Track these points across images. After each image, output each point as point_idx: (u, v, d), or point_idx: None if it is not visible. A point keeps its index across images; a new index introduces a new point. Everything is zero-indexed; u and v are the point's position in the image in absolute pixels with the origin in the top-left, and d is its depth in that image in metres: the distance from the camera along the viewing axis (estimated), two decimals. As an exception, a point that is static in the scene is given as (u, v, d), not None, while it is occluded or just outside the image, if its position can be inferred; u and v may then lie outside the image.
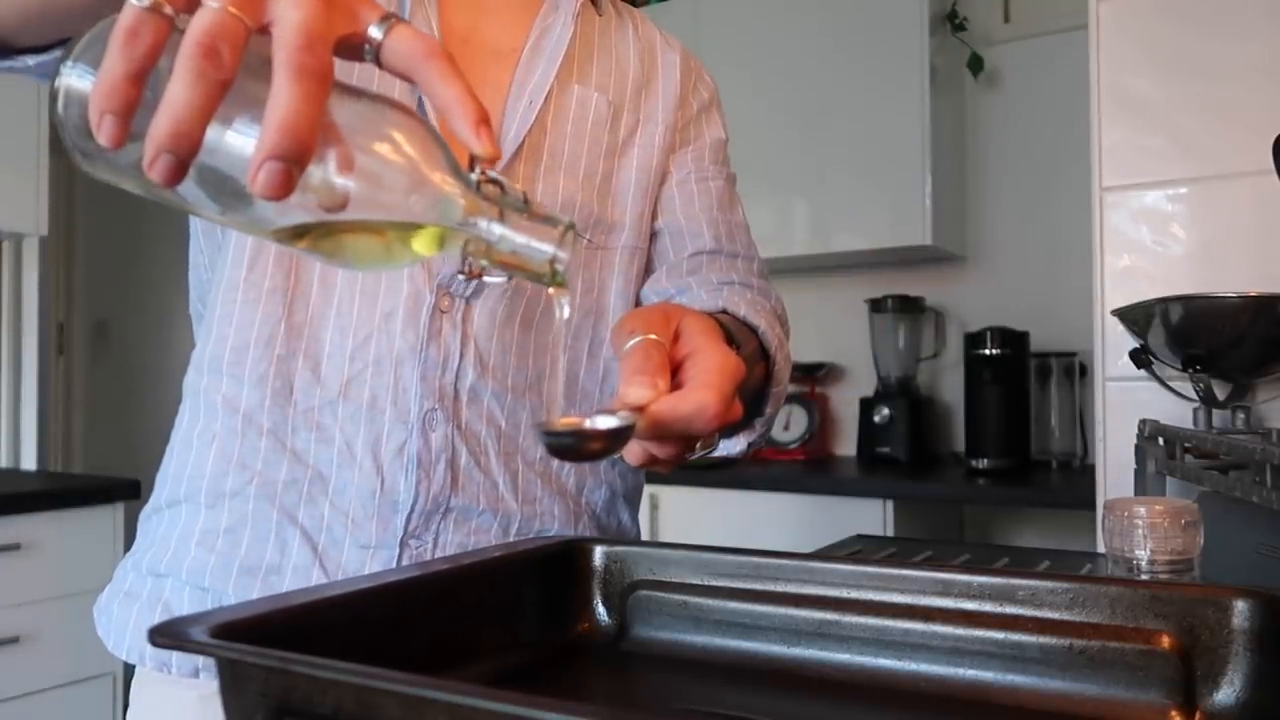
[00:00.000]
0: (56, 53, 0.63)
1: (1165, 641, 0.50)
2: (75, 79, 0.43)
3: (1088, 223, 1.40)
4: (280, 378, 0.76)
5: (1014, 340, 2.43)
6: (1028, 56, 2.70)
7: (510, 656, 0.57)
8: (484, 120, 0.45)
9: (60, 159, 3.42)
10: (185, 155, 0.38)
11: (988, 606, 0.53)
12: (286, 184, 0.39)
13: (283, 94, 0.38)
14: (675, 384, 0.53)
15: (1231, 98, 1.31)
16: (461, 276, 0.50)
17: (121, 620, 0.79)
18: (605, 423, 0.48)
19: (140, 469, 2.80)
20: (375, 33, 0.44)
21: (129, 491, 2.31)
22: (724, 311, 0.77)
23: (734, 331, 0.69)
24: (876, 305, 2.69)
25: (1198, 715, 0.49)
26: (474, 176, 0.46)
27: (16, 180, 2.45)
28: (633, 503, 0.92)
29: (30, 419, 2.74)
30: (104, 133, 0.38)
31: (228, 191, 0.43)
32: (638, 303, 0.88)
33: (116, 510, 2.28)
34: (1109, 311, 1.32)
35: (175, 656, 0.76)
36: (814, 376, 2.83)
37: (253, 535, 0.75)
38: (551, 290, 0.48)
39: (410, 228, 0.45)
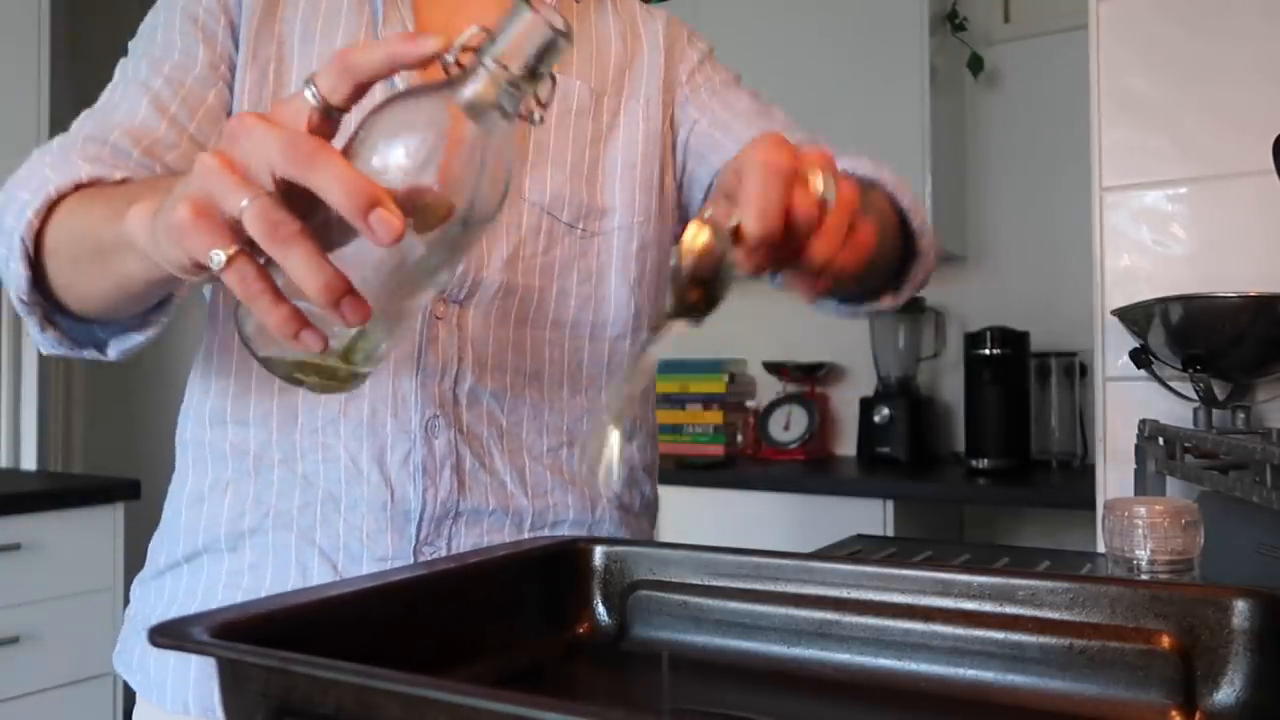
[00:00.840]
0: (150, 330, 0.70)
1: (1165, 641, 0.50)
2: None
3: (1088, 223, 1.39)
4: (283, 410, 0.77)
5: (1014, 340, 2.43)
6: (1028, 56, 2.70)
7: (511, 656, 0.57)
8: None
9: (60, 159, 3.42)
10: (339, 289, 0.46)
11: (988, 606, 0.53)
12: (395, 229, 0.43)
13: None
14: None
15: (1232, 98, 1.31)
16: (535, 119, 0.51)
17: (160, 675, 0.78)
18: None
19: (140, 469, 2.80)
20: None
21: (129, 491, 2.31)
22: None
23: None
24: (876, 305, 2.69)
25: (1198, 715, 0.49)
26: (450, 58, 0.48)
27: (16, 180, 2.45)
28: (652, 475, 0.92)
29: (30, 419, 2.74)
30: (306, 338, 0.46)
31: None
32: (641, 278, 0.86)
33: (116, 510, 2.28)
34: (1109, 311, 1.32)
35: (218, 703, 0.76)
36: (814, 376, 2.83)
37: (275, 565, 0.76)
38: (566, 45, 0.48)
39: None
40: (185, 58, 0.77)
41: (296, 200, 0.44)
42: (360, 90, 0.47)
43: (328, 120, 0.47)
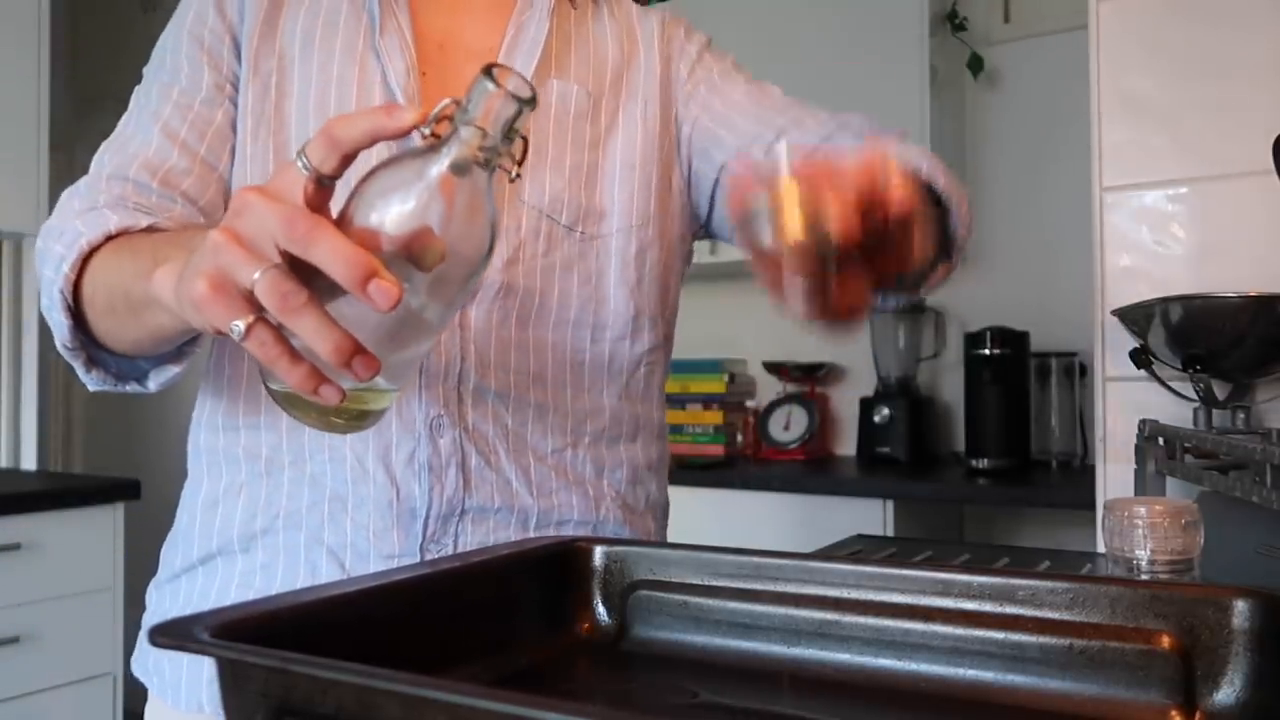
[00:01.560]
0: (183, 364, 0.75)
1: (1165, 641, 0.50)
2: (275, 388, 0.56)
3: (1088, 223, 1.39)
4: None
5: (1014, 340, 2.43)
6: (1028, 56, 2.70)
7: (511, 656, 0.57)
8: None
9: (60, 159, 3.42)
10: (348, 350, 0.49)
11: (988, 606, 0.53)
12: (393, 296, 0.47)
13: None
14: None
15: (1232, 98, 1.31)
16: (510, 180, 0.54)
17: (175, 676, 0.80)
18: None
19: (140, 469, 2.80)
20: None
21: (129, 491, 2.31)
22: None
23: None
24: (876, 305, 2.69)
25: (1198, 715, 0.49)
26: (426, 132, 0.51)
27: (16, 180, 2.45)
28: (659, 473, 0.93)
29: (30, 419, 2.74)
30: (327, 392, 0.51)
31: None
32: (640, 279, 0.86)
33: (116, 510, 2.28)
34: (1109, 311, 1.32)
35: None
36: (814, 376, 2.83)
37: (286, 565, 0.77)
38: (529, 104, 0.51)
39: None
40: (191, 82, 0.80)
41: (301, 266, 0.48)
42: (348, 160, 0.51)
43: (321, 189, 0.51)
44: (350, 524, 0.76)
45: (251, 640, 0.40)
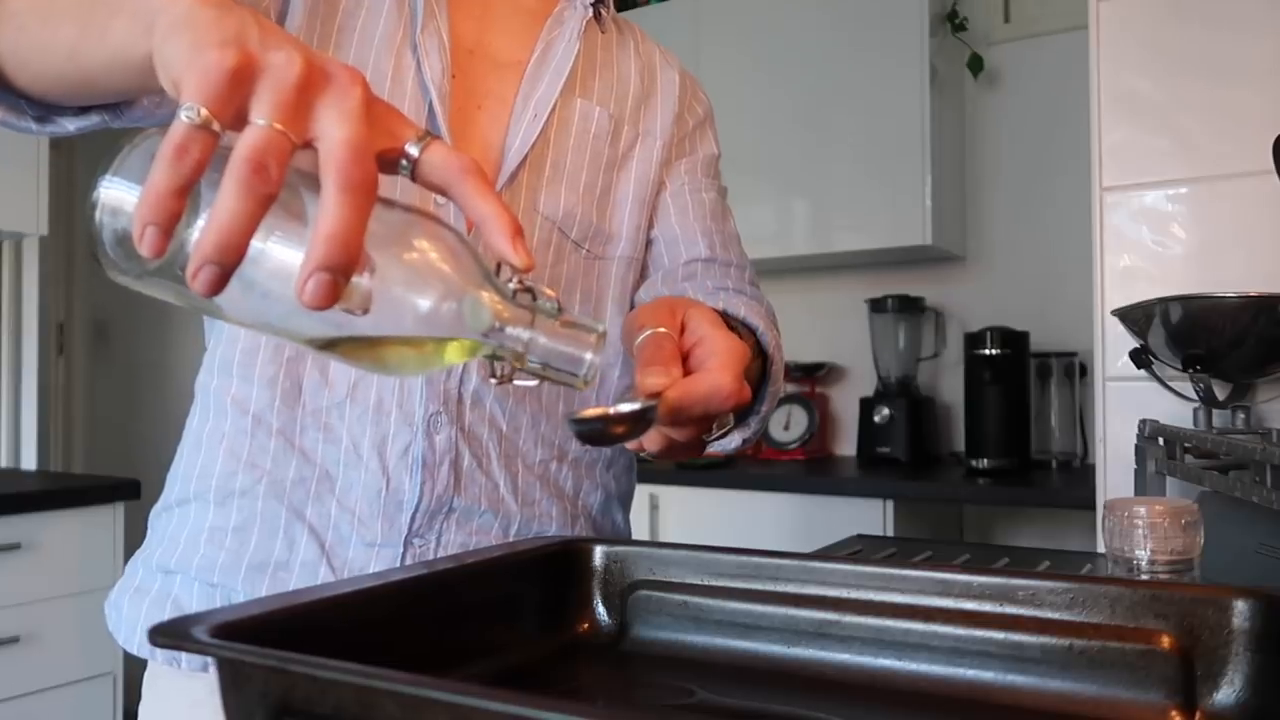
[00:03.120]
0: (94, 118, 0.62)
1: (1165, 641, 0.50)
2: (116, 191, 0.44)
3: (1088, 223, 1.40)
4: (289, 378, 0.77)
5: (1014, 340, 2.43)
6: (1028, 56, 2.70)
7: (510, 656, 0.57)
8: (518, 232, 0.46)
9: (60, 159, 3.41)
10: (230, 266, 0.39)
11: (988, 606, 0.53)
12: (333, 294, 0.39)
13: (331, 207, 0.39)
14: (686, 370, 0.56)
15: (1232, 98, 1.31)
16: (493, 381, 0.50)
17: (132, 616, 0.80)
18: (628, 408, 0.51)
19: (140, 469, 2.80)
20: (412, 150, 0.46)
21: (129, 491, 2.31)
22: (723, 313, 0.77)
23: (735, 327, 0.71)
24: (876, 305, 2.69)
25: (1198, 715, 0.49)
26: (510, 285, 0.47)
27: (16, 180, 2.45)
28: (625, 505, 0.94)
29: (30, 419, 2.74)
30: (147, 244, 0.39)
31: (264, 299, 0.43)
32: (632, 307, 0.89)
33: (116, 510, 2.28)
34: (1109, 311, 1.32)
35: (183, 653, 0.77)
36: (814, 376, 2.83)
37: (261, 532, 0.76)
38: (580, 388, 0.49)
39: (444, 339, 0.46)
40: None
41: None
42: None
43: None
44: (336, 506, 0.76)
45: (251, 640, 0.40)
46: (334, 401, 0.77)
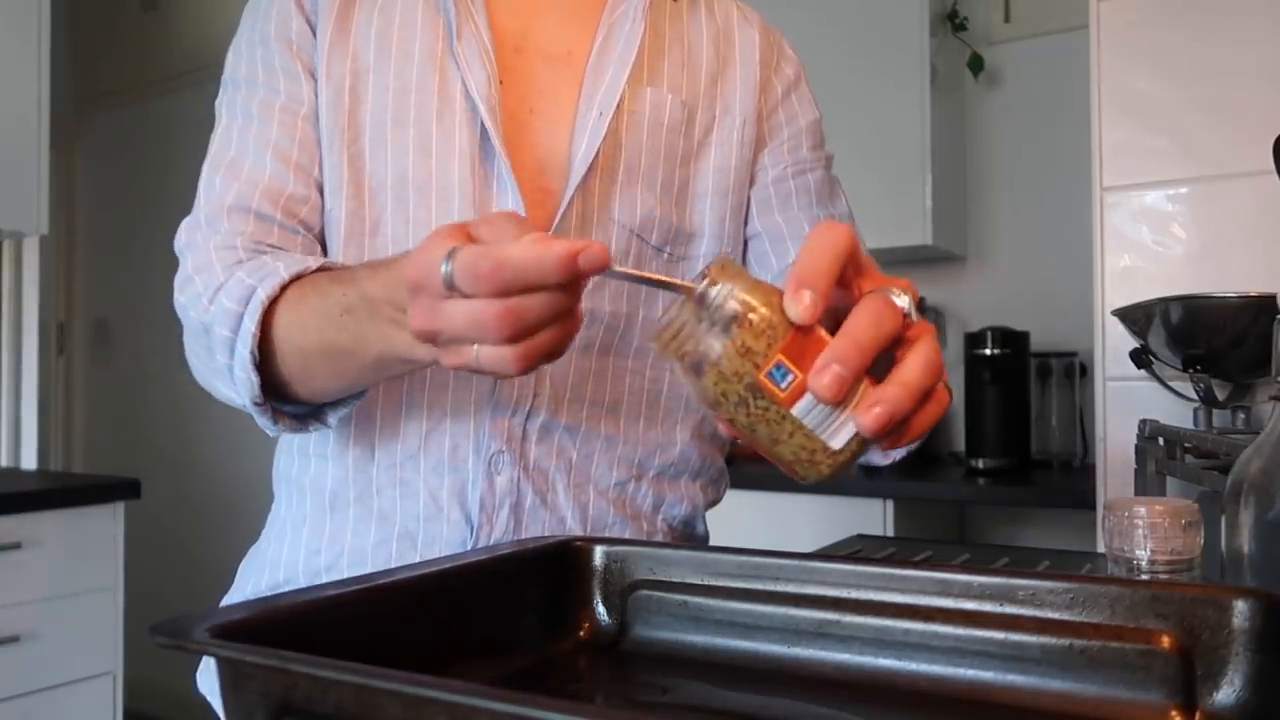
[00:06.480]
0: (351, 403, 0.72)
1: (1165, 641, 0.50)
2: None
3: (1088, 223, 1.40)
4: (359, 445, 0.76)
5: (1014, 340, 2.43)
6: (1028, 56, 2.70)
7: (510, 656, 0.57)
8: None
9: (60, 158, 3.41)
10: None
11: (988, 606, 0.53)
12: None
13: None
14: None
15: (1231, 98, 1.31)
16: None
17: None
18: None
19: (140, 469, 2.80)
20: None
21: (129, 491, 2.31)
22: None
23: None
24: (876, 305, 2.69)
25: (1198, 715, 0.49)
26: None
27: (16, 180, 2.45)
28: (704, 514, 0.91)
29: (30, 419, 2.74)
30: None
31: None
32: None
33: (117, 510, 2.28)
34: (1109, 311, 1.32)
35: None
36: (814, 376, 2.82)
37: None
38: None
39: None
40: (291, 96, 0.75)
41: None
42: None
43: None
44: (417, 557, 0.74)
45: (251, 640, 0.40)
46: (407, 455, 0.75)
